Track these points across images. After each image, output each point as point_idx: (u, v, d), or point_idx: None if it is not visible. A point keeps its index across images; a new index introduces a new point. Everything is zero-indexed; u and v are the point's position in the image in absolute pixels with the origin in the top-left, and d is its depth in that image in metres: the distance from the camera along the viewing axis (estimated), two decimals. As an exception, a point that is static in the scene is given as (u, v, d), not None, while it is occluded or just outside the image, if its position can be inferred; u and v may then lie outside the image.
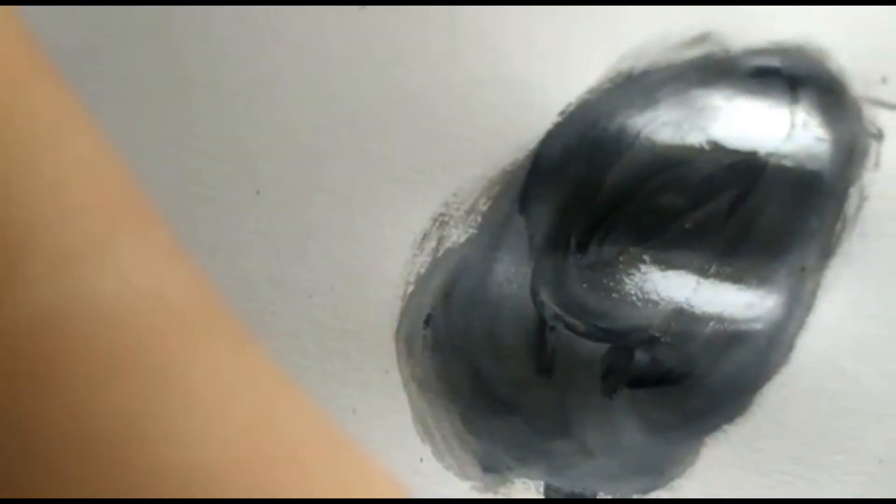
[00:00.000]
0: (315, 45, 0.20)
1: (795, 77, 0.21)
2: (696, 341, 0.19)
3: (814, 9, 0.22)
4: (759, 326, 0.20)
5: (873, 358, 0.20)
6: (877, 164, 0.21)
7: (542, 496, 0.19)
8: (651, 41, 0.21)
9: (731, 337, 0.20)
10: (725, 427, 0.19)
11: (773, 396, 0.20)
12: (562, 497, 0.19)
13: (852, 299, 0.20)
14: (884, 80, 0.22)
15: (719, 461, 0.19)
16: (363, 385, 0.19)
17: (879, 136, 0.21)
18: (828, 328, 0.20)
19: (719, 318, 0.20)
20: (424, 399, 0.19)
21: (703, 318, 0.20)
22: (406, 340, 0.19)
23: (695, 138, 0.21)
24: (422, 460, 0.19)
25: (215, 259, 0.19)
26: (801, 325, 0.20)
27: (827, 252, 0.21)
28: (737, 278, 0.20)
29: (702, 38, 0.21)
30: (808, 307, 0.20)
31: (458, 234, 0.20)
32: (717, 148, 0.21)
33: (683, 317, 0.20)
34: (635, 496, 0.19)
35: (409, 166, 0.20)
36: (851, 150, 0.21)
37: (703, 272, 0.20)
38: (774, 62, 0.21)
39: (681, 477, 0.19)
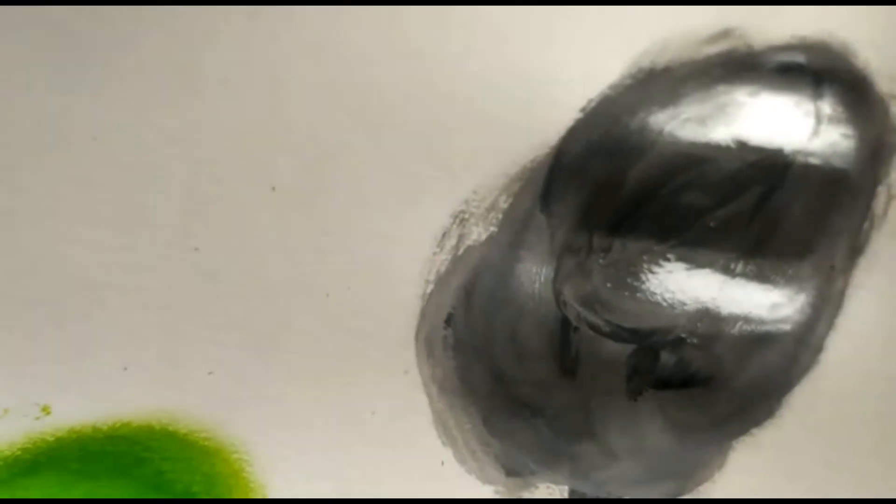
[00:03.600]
0: (332, 41, 0.19)
1: (820, 73, 0.20)
2: (722, 342, 0.18)
3: (836, 3, 0.21)
4: (787, 327, 0.18)
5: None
6: None
7: (566, 500, 0.17)
8: (673, 37, 0.20)
9: (758, 338, 0.18)
10: (754, 431, 0.18)
11: (803, 399, 0.18)
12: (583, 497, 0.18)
13: (882, 299, 0.19)
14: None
15: (749, 466, 0.18)
16: (382, 386, 0.18)
17: None
18: (858, 329, 0.19)
19: (746, 319, 0.18)
20: (445, 401, 0.18)
21: (730, 319, 0.18)
22: (426, 340, 0.18)
23: (718, 135, 0.20)
24: (443, 463, 0.18)
25: (231, 257, 0.18)
26: (830, 325, 0.19)
27: (856, 251, 0.19)
28: (763, 278, 0.19)
29: (724, 34, 0.20)
30: (837, 307, 0.19)
31: (478, 232, 0.18)
32: (741, 145, 0.20)
33: (709, 317, 0.18)
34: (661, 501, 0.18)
35: (428, 163, 0.19)
36: (879, 147, 0.20)
37: (728, 271, 0.19)
38: (799, 58, 0.20)
39: (709, 481, 0.18)
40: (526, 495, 0.17)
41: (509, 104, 0.19)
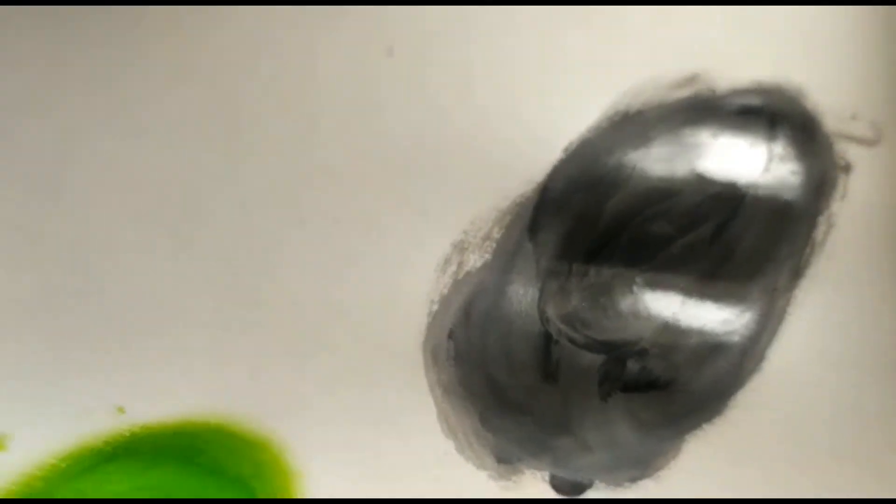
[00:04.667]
0: (349, 91, 0.22)
1: (775, 114, 0.23)
2: (680, 352, 0.21)
3: (792, 49, 0.23)
4: (735, 339, 0.21)
5: (837, 368, 0.21)
6: (844, 195, 0.23)
7: (547, 483, 0.21)
8: (645, 83, 0.23)
9: (711, 348, 0.21)
10: (705, 426, 0.21)
11: (747, 401, 0.21)
12: (566, 481, 0.21)
13: (819, 316, 0.22)
14: (854, 117, 0.23)
15: (699, 456, 0.21)
16: (396, 389, 0.21)
17: (848, 168, 0.23)
18: (796, 341, 0.22)
19: (701, 333, 0.21)
20: (448, 402, 0.21)
21: (687, 333, 0.21)
22: (432, 351, 0.21)
23: (683, 171, 0.22)
24: (445, 453, 0.21)
25: (265, 283, 0.21)
26: (772, 338, 0.22)
27: (797, 274, 0.22)
28: (717, 297, 0.22)
29: (691, 79, 0.23)
30: (778, 322, 0.22)
31: (475, 259, 0.21)
32: (702, 180, 0.22)
33: (670, 331, 0.21)
34: (626, 484, 0.21)
35: (432, 199, 0.22)
36: (822, 181, 0.23)
37: (687, 292, 0.21)
38: (756, 101, 0.23)
39: (665, 468, 0.21)
40: (514, 479, 0.21)
41: (501, 147, 0.22)
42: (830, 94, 0.22)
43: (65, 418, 0.20)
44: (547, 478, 0.20)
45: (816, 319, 0.21)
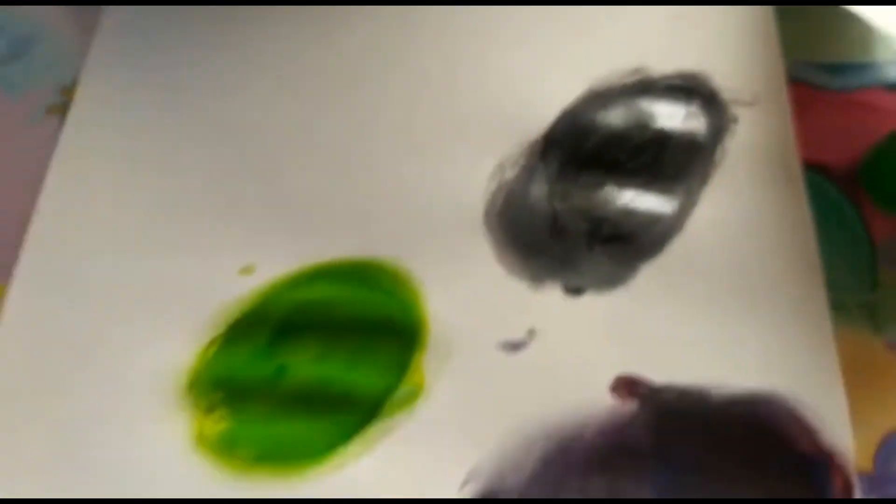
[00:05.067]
0: (421, 70, 0.37)
1: (691, 89, 0.37)
2: (636, 221, 0.35)
3: (706, 47, 0.38)
4: (668, 213, 0.35)
5: (720, 244, 0.34)
6: (733, 135, 0.36)
7: (560, 288, 0.33)
8: (609, 72, 0.37)
9: (654, 219, 0.35)
10: (650, 261, 0.34)
11: (677, 250, 0.34)
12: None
13: (716, 203, 0.35)
14: (741, 90, 0.37)
15: (647, 277, 0.34)
16: (463, 240, 0.35)
17: (735, 119, 0.37)
18: (702, 221, 0.35)
19: (648, 211, 0.35)
20: (497, 252, 0.34)
21: (639, 211, 0.35)
22: (484, 226, 0.35)
23: (633, 125, 0.36)
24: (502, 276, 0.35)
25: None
26: (688, 214, 0.35)
27: (704, 181, 0.36)
28: (657, 192, 0.35)
29: (638, 70, 0.37)
30: (693, 206, 0.35)
31: (510, 174, 0.36)
32: (645, 129, 0.36)
33: (629, 210, 0.34)
34: (605, 288, 0.33)
35: (481, 141, 0.36)
36: (720, 128, 0.36)
37: (639, 190, 0.35)
38: (679, 82, 0.37)
39: (624, 286, 0.33)
40: (540, 289, 0.33)
41: (519, 113, 0.36)
42: (726, 76, 0.37)
43: (289, 254, 0.33)
44: (560, 286, 0.33)
45: (716, 204, 0.34)
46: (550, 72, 0.37)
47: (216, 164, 0.34)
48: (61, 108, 0.34)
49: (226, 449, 0.29)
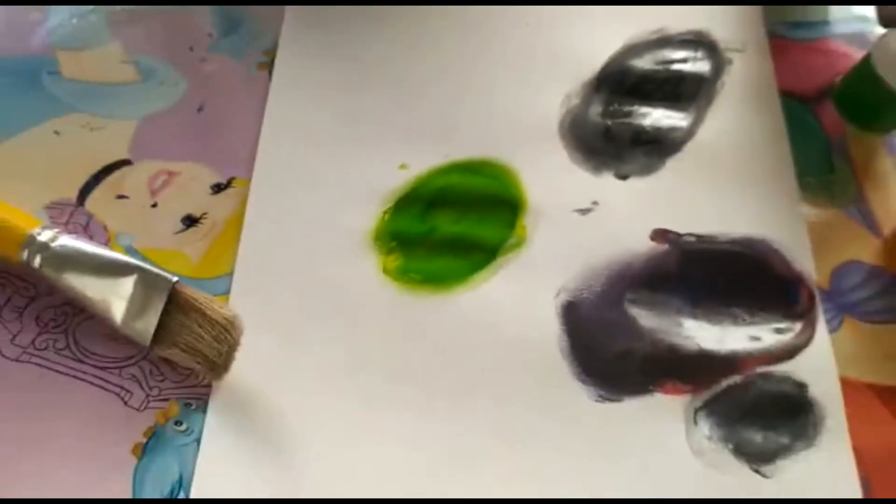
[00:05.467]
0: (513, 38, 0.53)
1: (698, 42, 0.52)
2: (660, 132, 0.50)
3: (707, 11, 0.53)
4: (684, 125, 0.50)
5: (722, 145, 0.49)
6: (729, 70, 0.51)
7: (613, 174, 0.48)
8: (640, 31, 0.53)
9: (674, 129, 0.50)
10: (673, 157, 0.49)
11: (691, 149, 0.49)
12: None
13: (717, 122, 0.50)
14: (734, 41, 0.52)
15: (671, 167, 0.49)
16: (541, 148, 0.50)
17: (730, 61, 0.52)
18: (709, 130, 0.50)
19: (669, 124, 0.50)
20: (569, 149, 0.49)
21: (665, 124, 0.50)
22: (559, 133, 0.50)
23: (659, 65, 0.52)
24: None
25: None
26: (697, 128, 0.50)
27: (710, 101, 0.51)
28: (674, 110, 0.50)
29: (659, 30, 0.53)
30: (701, 121, 0.50)
31: (574, 101, 0.51)
32: (668, 69, 0.52)
33: (655, 123, 0.50)
34: (637, 175, 0.49)
35: (555, 80, 0.51)
36: (720, 66, 0.52)
37: (665, 109, 0.50)
38: (689, 37, 0.53)
39: (656, 173, 0.48)
40: (600, 175, 0.48)
41: (577, 66, 0.51)
42: (723, 31, 0.52)
43: (430, 156, 0.48)
44: (612, 173, 0.48)
45: (718, 119, 0.49)
46: (599, 32, 0.52)
47: (382, 96, 0.49)
48: (267, 64, 0.50)
49: (401, 276, 0.44)
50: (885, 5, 0.48)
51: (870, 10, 0.53)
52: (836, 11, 0.54)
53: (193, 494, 0.37)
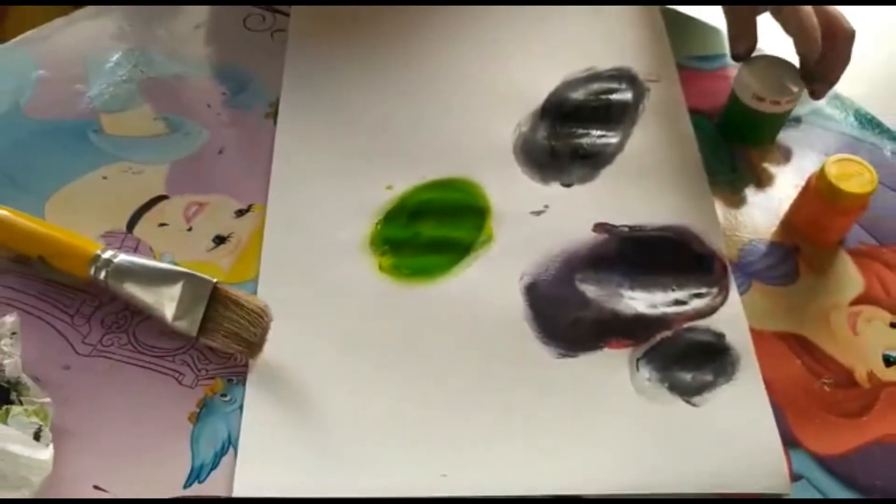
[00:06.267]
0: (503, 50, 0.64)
1: (620, 75, 0.64)
2: (597, 146, 0.60)
3: (629, 51, 0.64)
4: (615, 141, 0.61)
5: (645, 156, 0.60)
6: (647, 97, 0.63)
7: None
8: (575, 68, 0.64)
9: (606, 145, 0.61)
10: (606, 168, 0.60)
11: (621, 161, 0.60)
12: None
13: (641, 138, 0.61)
14: (650, 73, 0.64)
15: (605, 176, 0.60)
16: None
17: (648, 89, 0.63)
18: (634, 145, 0.61)
19: (604, 142, 0.61)
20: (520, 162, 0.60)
21: (599, 142, 0.61)
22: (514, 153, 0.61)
23: (592, 97, 0.63)
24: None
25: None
26: (626, 142, 0.61)
27: (634, 121, 0.62)
28: (608, 131, 0.61)
29: (590, 68, 0.64)
30: (628, 137, 0.61)
31: (524, 128, 0.62)
32: (599, 98, 0.63)
33: (593, 141, 0.61)
34: (575, 183, 0.59)
35: (507, 111, 0.62)
36: (640, 94, 0.63)
37: (598, 130, 0.61)
38: (614, 72, 0.64)
39: (592, 181, 0.59)
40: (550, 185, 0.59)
41: (525, 96, 0.63)
42: (641, 66, 0.64)
43: (410, 178, 0.59)
44: (558, 183, 0.59)
45: (641, 135, 0.61)
46: (541, 71, 0.64)
47: (368, 133, 0.60)
48: (272, 114, 0.61)
49: (394, 271, 0.54)
50: (734, 42, 0.60)
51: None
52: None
53: (240, 449, 0.46)
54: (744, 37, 0.59)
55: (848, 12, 0.57)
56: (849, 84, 0.61)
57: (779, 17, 0.57)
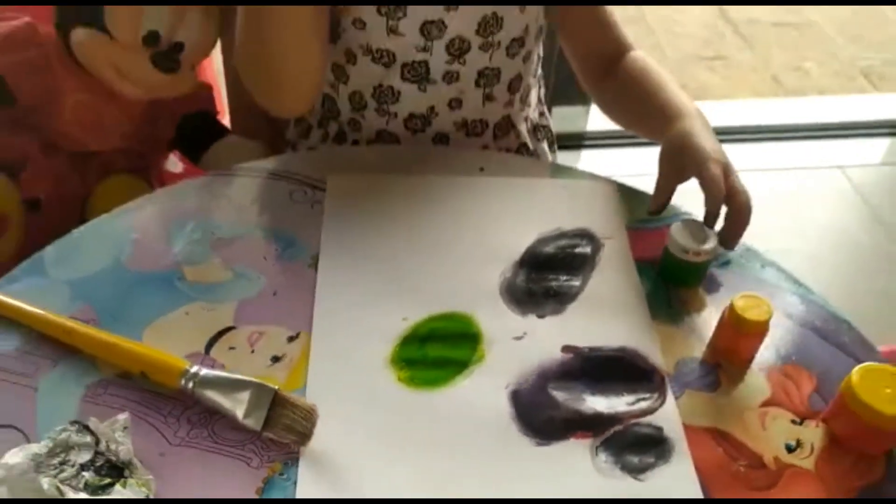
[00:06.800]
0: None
1: (583, 234, 0.82)
2: (564, 288, 0.78)
3: (588, 216, 0.83)
4: (578, 284, 0.78)
5: (602, 295, 0.78)
6: (603, 250, 0.81)
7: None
8: (546, 229, 0.83)
9: (572, 286, 0.78)
10: (571, 303, 0.77)
11: (583, 299, 0.78)
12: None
13: (599, 282, 0.79)
14: (606, 233, 0.83)
15: (571, 310, 0.77)
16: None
17: (603, 244, 0.82)
18: (593, 286, 0.78)
19: (569, 284, 0.78)
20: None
21: (565, 284, 0.79)
22: (501, 294, 0.78)
23: (559, 250, 0.81)
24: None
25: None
26: (586, 284, 0.79)
27: (592, 268, 0.79)
28: (572, 276, 0.78)
29: (558, 228, 0.83)
30: (588, 280, 0.79)
31: (508, 274, 0.79)
32: (564, 251, 0.81)
33: (561, 283, 0.78)
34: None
35: (494, 262, 0.80)
36: (597, 248, 0.81)
37: (565, 275, 0.79)
38: (577, 232, 0.83)
39: (562, 314, 0.76)
40: None
41: (508, 246, 0.81)
42: (599, 227, 0.83)
43: (421, 311, 0.76)
44: (534, 315, 0.76)
45: (599, 279, 0.78)
46: (521, 231, 0.83)
47: (389, 279, 0.77)
48: (314, 265, 0.78)
49: (409, 382, 0.70)
50: (653, 200, 0.79)
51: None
52: (669, 211, 0.85)
53: (295, 515, 0.61)
54: (660, 198, 0.79)
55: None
56: (762, 239, 0.80)
57: (702, 184, 0.76)
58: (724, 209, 0.77)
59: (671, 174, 0.80)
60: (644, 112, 0.86)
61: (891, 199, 2.02)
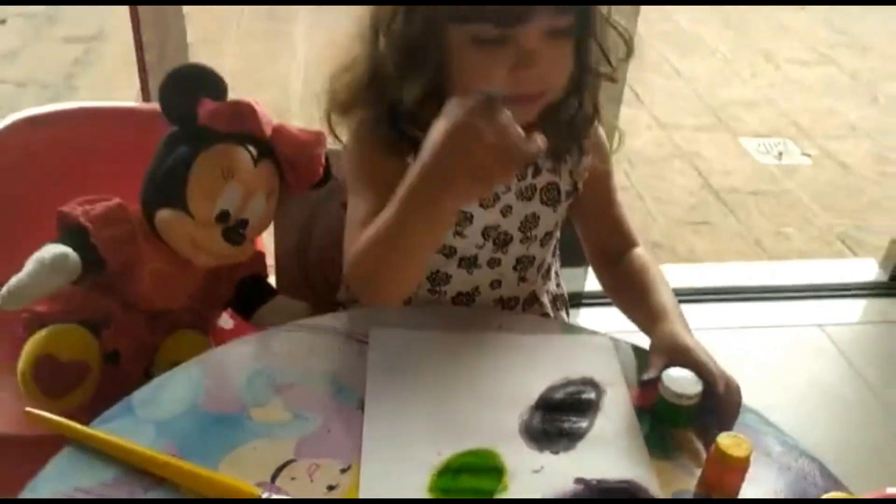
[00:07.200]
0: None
1: (588, 382, 0.96)
2: (575, 427, 0.91)
3: (592, 367, 0.97)
4: (585, 425, 0.92)
5: (606, 433, 0.91)
6: (605, 396, 0.95)
7: None
8: (555, 378, 0.97)
9: (580, 427, 0.91)
10: (581, 440, 0.90)
11: (590, 437, 0.90)
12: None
13: (603, 422, 0.92)
14: (608, 382, 0.97)
15: (581, 446, 0.89)
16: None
17: (606, 392, 0.95)
18: (598, 427, 0.91)
19: (577, 425, 0.91)
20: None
21: (575, 425, 0.92)
22: (521, 433, 0.91)
23: (568, 396, 0.95)
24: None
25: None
26: (593, 424, 0.92)
27: (596, 412, 0.93)
28: (580, 419, 0.92)
29: (566, 377, 0.97)
30: (594, 421, 0.92)
31: (525, 416, 0.92)
32: (573, 397, 0.95)
33: (573, 423, 0.91)
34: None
35: (514, 407, 0.93)
36: (601, 394, 0.95)
37: (574, 418, 0.92)
38: (583, 381, 0.97)
39: (574, 450, 0.88)
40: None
41: (525, 394, 0.94)
42: (601, 376, 0.97)
43: (454, 446, 0.88)
44: (549, 451, 0.88)
45: (603, 420, 0.92)
46: (536, 380, 0.96)
47: (425, 420, 0.91)
48: (360, 407, 0.92)
49: (441, 494, 0.82)
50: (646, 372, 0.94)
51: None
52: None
53: None
54: (651, 378, 0.93)
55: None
56: (747, 393, 0.94)
57: (701, 374, 0.91)
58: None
59: (660, 364, 0.95)
60: (635, 307, 1.05)
61: (869, 356, 2.17)
